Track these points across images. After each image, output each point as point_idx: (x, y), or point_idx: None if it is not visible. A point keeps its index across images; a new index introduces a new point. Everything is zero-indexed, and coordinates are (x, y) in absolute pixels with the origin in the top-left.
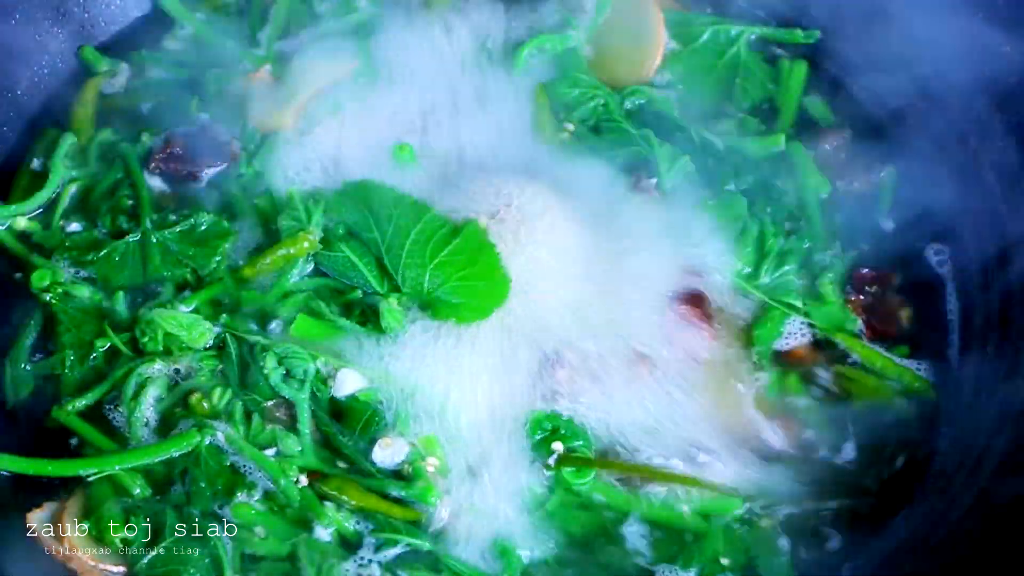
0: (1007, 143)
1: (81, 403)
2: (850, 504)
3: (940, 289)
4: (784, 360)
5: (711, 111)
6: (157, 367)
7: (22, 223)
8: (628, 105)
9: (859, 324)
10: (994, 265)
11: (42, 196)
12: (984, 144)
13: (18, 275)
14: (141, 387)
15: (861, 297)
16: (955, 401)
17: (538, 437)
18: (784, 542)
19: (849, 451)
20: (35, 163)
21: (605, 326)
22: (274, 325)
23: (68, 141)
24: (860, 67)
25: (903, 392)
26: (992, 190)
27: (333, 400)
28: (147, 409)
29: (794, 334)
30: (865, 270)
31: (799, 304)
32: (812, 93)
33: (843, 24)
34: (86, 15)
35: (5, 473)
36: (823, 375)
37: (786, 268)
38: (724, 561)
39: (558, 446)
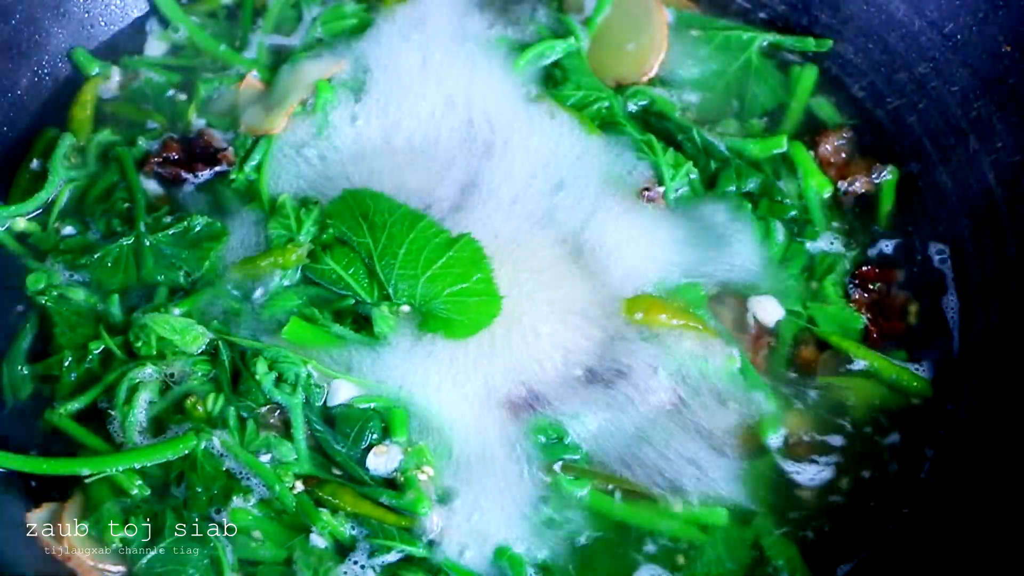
0: (1007, 143)
1: (73, 406)
2: (850, 506)
3: (940, 289)
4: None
5: (716, 113)
6: (148, 371)
7: (21, 224)
8: (631, 107)
9: (863, 322)
10: (994, 265)
11: (41, 197)
12: (984, 144)
13: (14, 278)
14: (133, 391)
15: (865, 295)
16: (955, 401)
17: (541, 444)
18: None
19: (848, 454)
20: (34, 163)
21: (607, 341)
22: (266, 330)
23: (67, 142)
24: (861, 66)
25: (902, 393)
26: (992, 190)
27: (327, 407)
28: (140, 413)
29: None
30: (868, 267)
31: (801, 309)
32: (816, 94)
33: (844, 24)
34: (86, 15)
35: (3, 472)
36: (823, 378)
37: (789, 272)
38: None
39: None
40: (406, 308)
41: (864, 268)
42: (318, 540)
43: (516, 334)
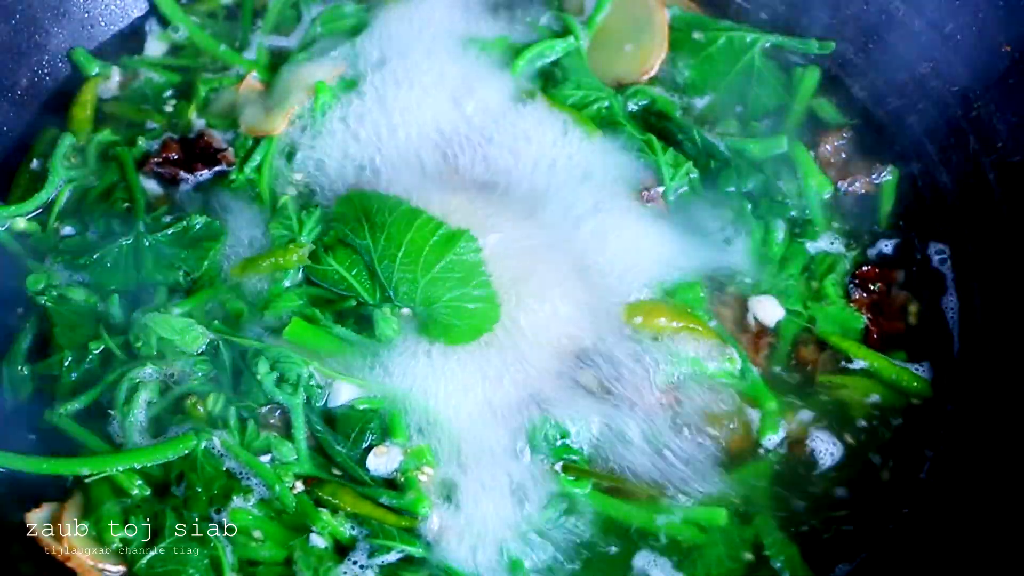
0: (1007, 143)
1: (73, 406)
2: (850, 506)
3: (940, 289)
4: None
5: (717, 114)
6: (148, 371)
7: (21, 224)
8: (632, 106)
9: (863, 322)
10: (994, 265)
11: (41, 197)
12: (984, 144)
13: (14, 278)
14: (133, 391)
15: (865, 295)
16: (955, 401)
17: (541, 445)
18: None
19: (849, 454)
20: (34, 163)
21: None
22: (267, 330)
23: (67, 141)
24: (861, 67)
25: (902, 393)
26: (992, 190)
27: (328, 408)
28: (140, 413)
29: None
30: (868, 267)
31: (801, 309)
32: (817, 94)
33: (844, 24)
34: (86, 15)
35: (4, 471)
36: (823, 378)
37: (789, 272)
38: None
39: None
40: (407, 311)
41: (864, 268)
42: (318, 540)
43: (517, 335)
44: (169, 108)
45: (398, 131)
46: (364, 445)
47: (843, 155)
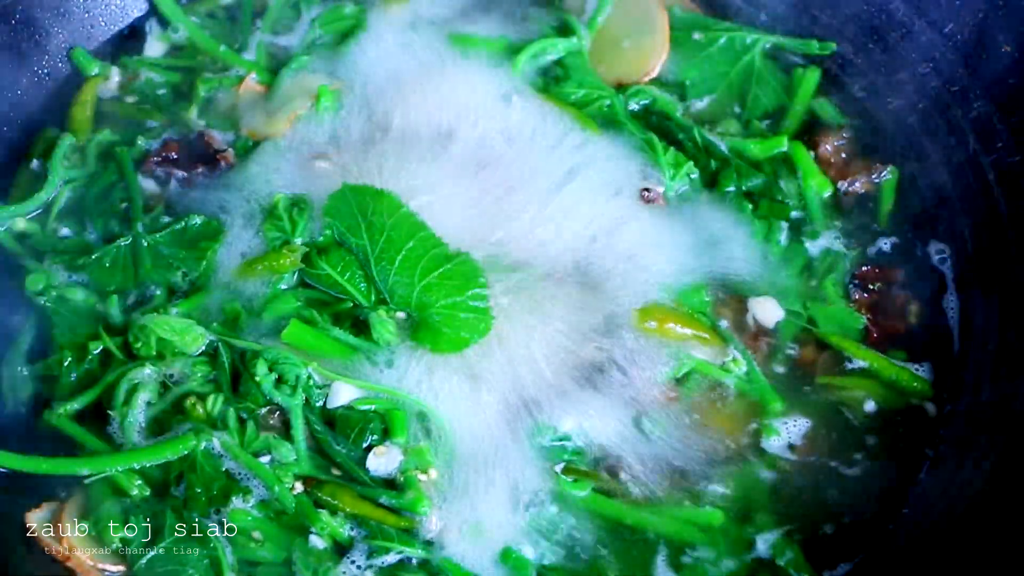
0: (1007, 143)
1: (73, 406)
2: (850, 506)
3: (940, 289)
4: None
5: (717, 114)
6: (147, 372)
7: (21, 224)
8: (633, 106)
9: (863, 322)
10: (994, 265)
11: (41, 197)
12: (984, 144)
13: (14, 278)
14: (132, 391)
15: (865, 295)
16: (954, 401)
17: (542, 446)
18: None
19: (848, 454)
20: (34, 163)
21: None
22: (266, 332)
23: (67, 142)
24: (861, 67)
25: (902, 393)
26: (992, 190)
27: (327, 408)
28: (139, 413)
29: None
30: (868, 267)
31: (801, 309)
32: (817, 94)
33: (844, 24)
34: (86, 15)
35: (4, 471)
36: (823, 378)
37: (789, 272)
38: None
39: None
40: (402, 315)
41: (864, 268)
42: (317, 541)
43: (518, 337)
44: (169, 108)
45: (398, 134)
46: (364, 445)
47: (843, 155)
